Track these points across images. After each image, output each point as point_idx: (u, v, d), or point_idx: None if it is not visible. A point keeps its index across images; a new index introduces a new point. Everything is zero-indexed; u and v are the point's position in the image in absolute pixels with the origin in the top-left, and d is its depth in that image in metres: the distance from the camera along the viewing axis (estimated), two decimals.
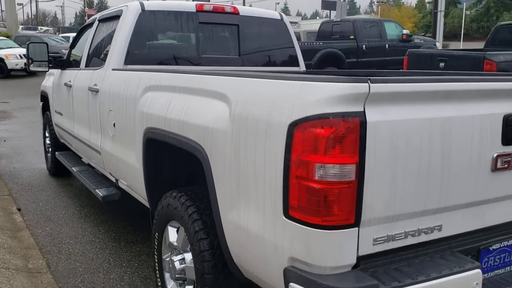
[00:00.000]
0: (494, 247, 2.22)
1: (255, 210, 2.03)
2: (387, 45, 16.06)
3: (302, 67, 5.03)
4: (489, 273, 2.25)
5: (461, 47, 28.76)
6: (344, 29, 16.20)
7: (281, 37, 4.88)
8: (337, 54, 15.18)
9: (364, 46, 15.74)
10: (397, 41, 16.22)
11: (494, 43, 12.60)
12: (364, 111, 1.71)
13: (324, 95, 1.72)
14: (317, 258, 1.79)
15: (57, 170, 6.39)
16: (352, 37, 15.66)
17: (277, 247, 1.92)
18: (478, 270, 1.95)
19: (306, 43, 15.95)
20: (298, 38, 18.12)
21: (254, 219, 2.05)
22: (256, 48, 4.76)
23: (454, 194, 2.00)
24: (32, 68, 5.57)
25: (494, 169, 2.06)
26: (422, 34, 43.28)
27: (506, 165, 2.10)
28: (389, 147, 1.77)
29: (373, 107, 1.73)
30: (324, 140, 1.70)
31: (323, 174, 1.72)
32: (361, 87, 1.70)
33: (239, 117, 2.11)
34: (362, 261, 1.85)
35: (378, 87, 1.72)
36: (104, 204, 5.17)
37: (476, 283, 1.94)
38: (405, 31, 16.66)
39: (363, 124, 1.71)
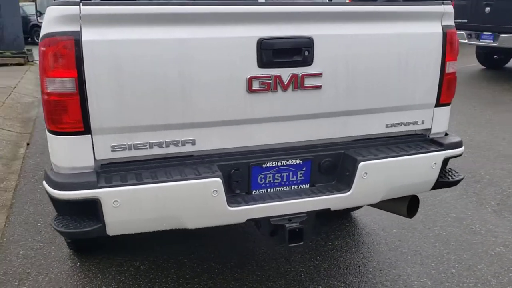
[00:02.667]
0: (268, 165, 2.36)
1: None
2: None
3: None
4: (269, 189, 2.41)
5: None
6: None
7: None
8: None
9: None
10: None
11: None
12: (80, 31, 1.96)
13: (51, 16, 1.99)
14: (59, 160, 2.11)
15: None
16: None
17: (51, 154, 2.27)
18: (217, 179, 2.14)
19: None
20: None
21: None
22: None
23: (204, 111, 2.17)
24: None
25: (250, 90, 2.20)
26: None
27: (265, 87, 2.22)
28: (110, 63, 2.00)
29: (90, 27, 1.97)
30: (48, 57, 1.99)
31: (51, 88, 2.02)
32: (73, 9, 1.94)
33: None
34: (106, 164, 2.14)
35: (89, 9, 1.95)
36: None
37: (215, 190, 2.14)
38: None
39: (78, 42, 1.96)
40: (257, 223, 2.37)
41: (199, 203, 2.16)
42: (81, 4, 1.94)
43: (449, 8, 2.49)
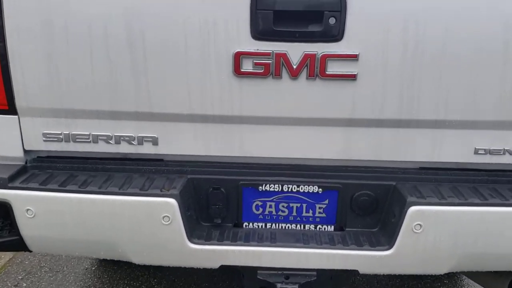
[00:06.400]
0: (268, 188, 1.57)
1: None
2: None
3: None
4: (270, 224, 1.62)
5: None
6: None
7: None
8: None
9: None
10: None
11: None
12: None
13: None
14: None
15: None
16: None
17: None
18: (170, 200, 1.44)
19: None
20: None
21: None
22: None
23: (168, 98, 1.49)
24: None
25: (238, 72, 1.44)
26: None
27: (262, 70, 1.43)
28: (38, 17, 1.43)
29: None
30: None
31: None
32: None
33: None
34: (42, 158, 1.60)
35: None
36: None
37: (166, 216, 1.45)
38: None
39: None
40: (240, 273, 1.61)
41: (143, 230, 1.49)
42: None
43: None
